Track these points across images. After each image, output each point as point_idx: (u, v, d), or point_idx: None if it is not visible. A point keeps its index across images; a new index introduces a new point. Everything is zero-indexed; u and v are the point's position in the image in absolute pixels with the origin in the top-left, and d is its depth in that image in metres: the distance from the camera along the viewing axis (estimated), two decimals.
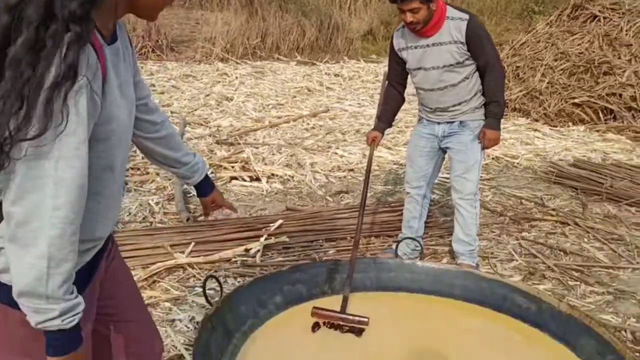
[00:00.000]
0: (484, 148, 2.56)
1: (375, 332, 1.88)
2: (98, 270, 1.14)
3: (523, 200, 3.75)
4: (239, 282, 2.53)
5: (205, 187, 1.51)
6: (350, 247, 2.92)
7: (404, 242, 2.73)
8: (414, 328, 1.98)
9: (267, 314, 1.91)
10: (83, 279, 1.04)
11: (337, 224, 3.19)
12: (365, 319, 1.89)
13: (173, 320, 2.28)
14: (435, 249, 2.97)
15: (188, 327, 2.25)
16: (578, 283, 2.62)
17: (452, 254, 2.81)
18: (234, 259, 2.77)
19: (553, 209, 3.55)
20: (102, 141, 0.99)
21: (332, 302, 1.98)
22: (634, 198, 3.69)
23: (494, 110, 2.50)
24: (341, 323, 1.90)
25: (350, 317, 1.92)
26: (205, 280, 1.79)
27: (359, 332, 1.89)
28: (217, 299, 1.76)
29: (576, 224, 3.31)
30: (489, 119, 2.52)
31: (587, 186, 3.91)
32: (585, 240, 3.13)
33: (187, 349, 2.07)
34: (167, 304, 2.38)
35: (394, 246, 2.80)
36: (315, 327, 1.89)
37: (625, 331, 2.31)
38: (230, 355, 1.70)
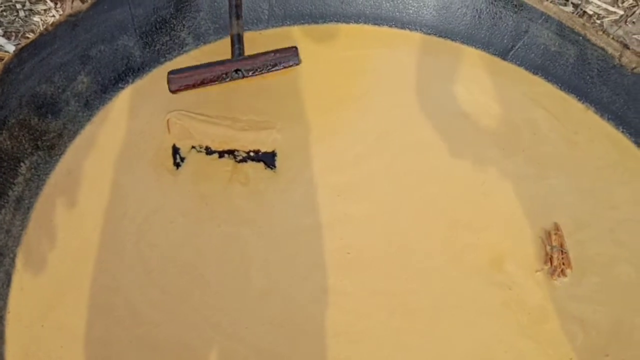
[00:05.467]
0: None
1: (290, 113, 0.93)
2: None
3: None
4: None
5: None
6: None
7: None
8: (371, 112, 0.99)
9: (60, 139, 0.89)
10: None
11: None
12: (294, 58, 0.93)
13: None
14: None
15: None
16: None
17: None
18: None
19: None
20: None
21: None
22: None
23: None
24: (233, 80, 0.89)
25: (247, 61, 0.90)
26: None
27: (269, 159, 0.89)
28: None
29: None
30: None
31: None
32: None
33: None
34: None
35: None
36: (177, 156, 0.89)
37: None
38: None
